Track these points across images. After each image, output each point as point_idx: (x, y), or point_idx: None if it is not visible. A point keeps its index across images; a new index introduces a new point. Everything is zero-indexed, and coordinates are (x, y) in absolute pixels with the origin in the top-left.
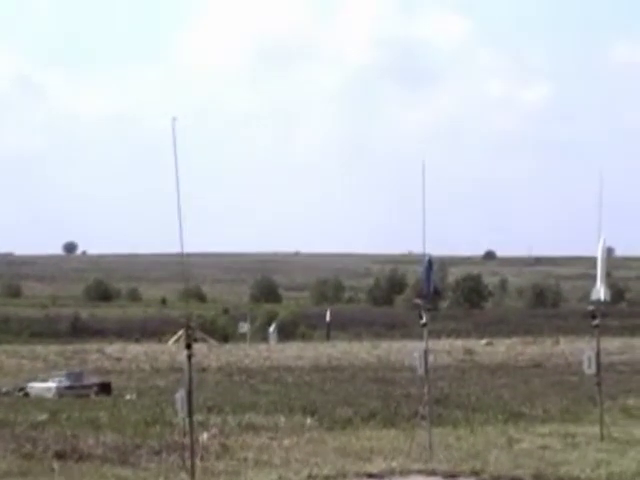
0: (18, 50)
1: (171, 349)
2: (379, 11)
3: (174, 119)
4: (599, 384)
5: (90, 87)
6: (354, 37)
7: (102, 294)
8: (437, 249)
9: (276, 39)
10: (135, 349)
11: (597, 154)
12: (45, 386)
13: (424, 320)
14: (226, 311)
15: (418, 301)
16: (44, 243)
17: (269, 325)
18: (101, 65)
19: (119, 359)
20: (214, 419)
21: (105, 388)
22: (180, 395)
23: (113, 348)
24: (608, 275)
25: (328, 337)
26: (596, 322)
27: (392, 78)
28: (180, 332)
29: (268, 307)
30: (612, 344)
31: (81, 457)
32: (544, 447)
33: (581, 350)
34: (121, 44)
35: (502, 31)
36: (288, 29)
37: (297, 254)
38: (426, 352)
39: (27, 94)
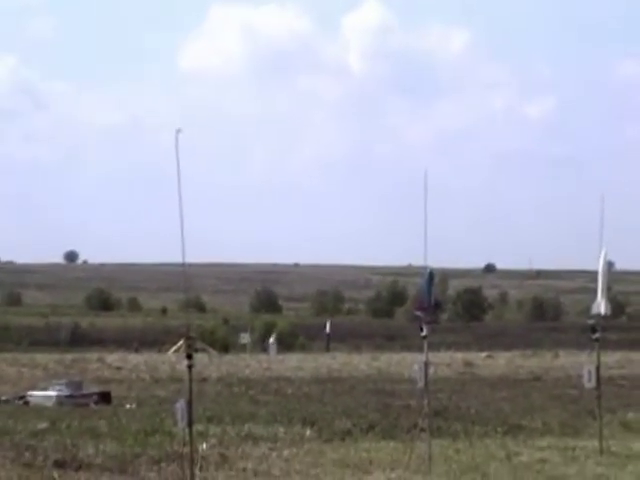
0: (21, 58)
1: (171, 359)
2: (382, 23)
3: (178, 131)
4: (599, 398)
5: (91, 96)
6: (357, 49)
7: (103, 303)
8: (438, 262)
9: (279, 50)
10: (135, 359)
11: (599, 168)
12: (45, 395)
13: (424, 332)
14: (226, 321)
15: (419, 313)
16: (45, 252)
17: (268, 336)
18: (102, 74)
19: (119, 368)
20: (213, 429)
21: (105, 397)
22: (180, 405)
23: (113, 357)
24: (609, 289)
25: (328, 348)
26: (596, 336)
27: (395, 90)
28: (180, 342)
29: (267, 318)
30: (612, 358)
31: (81, 466)
32: (543, 460)
33: (581, 364)
34: (123, 54)
35: (505, 44)
36: (291, 40)
37: (297, 265)
38: (426, 364)
39: (28, 103)
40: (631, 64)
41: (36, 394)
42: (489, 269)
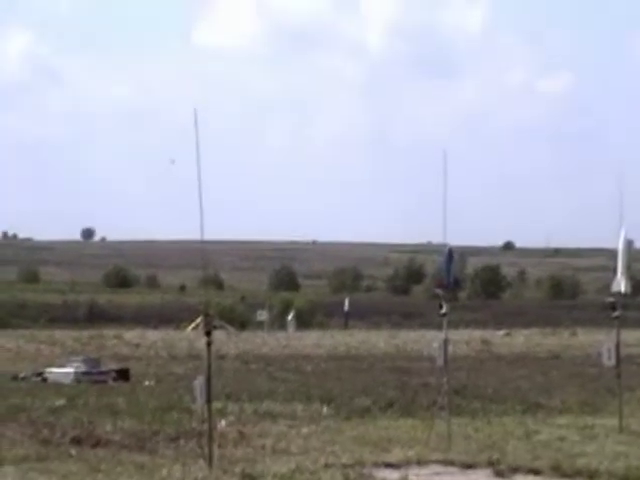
0: (36, 35)
1: (189, 336)
2: (401, 0)
3: (196, 110)
4: (619, 376)
5: (108, 73)
6: (375, 26)
7: (120, 280)
8: (456, 239)
9: (297, 26)
10: (153, 335)
11: (618, 145)
12: (63, 371)
13: (444, 310)
14: (244, 299)
15: (438, 291)
16: (63, 229)
17: (287, 313)
18: (119, 51)
19: (137, 345)
20: (232, 407)
21: (123, 374)
22: (199, 382)
23: (131, 334)
24: (628, 267)
25: (346, 326)
26: (616, 313)
27: (413, 67)
28: (198, 319)
29: (286, 295)
30: (631, 336)
31: (98, 443)
32: (562, 438)
33: (599, 342)
34: (139, 30)
35: (523, 20)
36: (309, 16)
37: (314, 243)
38: (446, 342)
39: (45, 80)
40: None
41: (54, 371)
42: (508, 247)
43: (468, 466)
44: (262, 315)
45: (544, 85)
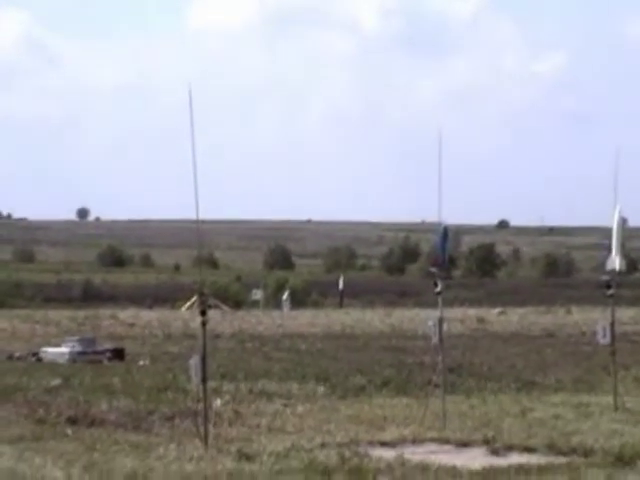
0: (31, 16)
1: (184, 315)
2: None
3: (190, 88)
4: (613, 354)
5: (103, 55)
6: (369, 5)
7: (115, 260)
8: (451, 218)
9: (290, 5)
10: (148, 315)
11: (612, 125)
12: (58, 351)
13: (439, 288)
14: (239, 278)
15: (433, 269)
16: (58, 209)
17: (281, 292)
18: (113, 33)
19: (132, 325)
20: (227, 386)
21: (119, 354)
22: (194, 361)
23: (126, 314)
24: (622, 245)
25: (341, 305)
26: (611, 292)
27: (406, 47)
28: (193, 298)
29: (280, 274)
30: (625, 314)
31: (94, 422)
32: (557, 416)
33: (594, 320)
34: (133, 12)
35: (517, 1)
36: None
37: (309, 222)
38: (441, 320)
39: (41, 61)
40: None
41: (49, 350)
42: (502, 225)
43: (463, 444)
44: (257, 294)
45: (538, 65)
